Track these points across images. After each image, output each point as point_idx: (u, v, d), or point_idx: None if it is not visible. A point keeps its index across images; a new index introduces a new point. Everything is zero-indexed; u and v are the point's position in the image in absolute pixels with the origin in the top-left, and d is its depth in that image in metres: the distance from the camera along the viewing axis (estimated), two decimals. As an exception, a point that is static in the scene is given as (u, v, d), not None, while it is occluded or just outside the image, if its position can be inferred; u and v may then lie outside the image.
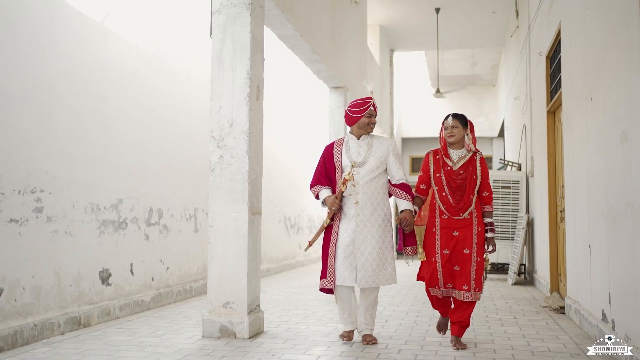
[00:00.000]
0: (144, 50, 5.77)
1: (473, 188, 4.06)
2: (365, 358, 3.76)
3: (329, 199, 4.06)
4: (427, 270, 4.11)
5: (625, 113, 3.49)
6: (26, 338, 4.11)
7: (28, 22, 4.26)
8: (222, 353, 3.88)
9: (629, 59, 3.41)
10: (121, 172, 5.39)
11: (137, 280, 5.63)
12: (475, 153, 4.15)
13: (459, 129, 4.09)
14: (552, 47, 6.45)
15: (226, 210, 4.48)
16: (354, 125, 4.15)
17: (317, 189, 4.20)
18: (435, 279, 4.07)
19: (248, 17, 4.57)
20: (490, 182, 4.22)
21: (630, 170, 3.39)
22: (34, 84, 4.31)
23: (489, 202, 4.13)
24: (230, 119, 4.52)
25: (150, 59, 5.90)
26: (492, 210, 4.15)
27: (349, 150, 4.14)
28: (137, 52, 5.66)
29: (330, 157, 4.19)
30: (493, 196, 4.21)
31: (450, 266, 4.05)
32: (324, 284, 4.05)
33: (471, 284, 3.99)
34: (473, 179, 4.07)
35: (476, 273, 4.02)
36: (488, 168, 4.20)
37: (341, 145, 4.19)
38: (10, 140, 4.08)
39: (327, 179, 4.18)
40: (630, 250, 3.42)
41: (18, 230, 4.12)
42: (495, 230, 4.16)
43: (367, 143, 4.13)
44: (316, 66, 7.48)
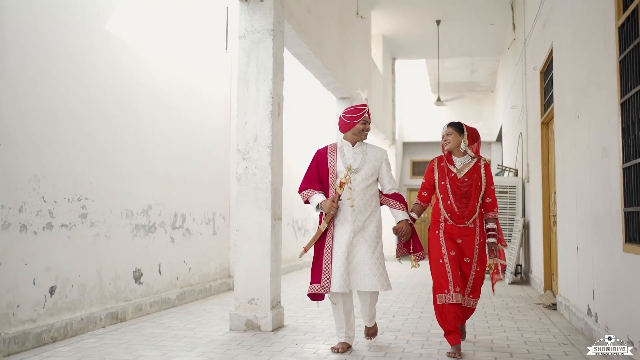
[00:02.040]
0: (169, 69, 6.28)
1: (478, 195, 4.08)
2: (378, 347, 4.26)
3: (325, 203, 3.96)
4: (436, 273, 4.05)
5: (605, 133, 4.01)
6: (75, 330, 4.61)
7: (71, 47, 4.77)
8: (251, 343, 4.38)
9: (608, 85, 3.92)
10: (151, 180, 5.89)
11: (164, 280, 6.13)
12: (479, 160, 4.17)
13: (454, 135, 4.16)
14: (545, 64, 6.96)
15: (251, 216, 4.98)
16: (349, 131, 4.09)
17: (308, 193, 4.10)
18: (445, 281, 3.99)
19: (270, 42, 5.08)
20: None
21: (609, 183, 3.91)
22: (77, 103, 4.81)
23: (491, 209, 4.14)
24: (254, 134, 5.03)
25: (175, 77, 6.40)
26: (495, 217, 4.14)
27: (344, 155, 4.08)
28: (163, 71, 6.17)
29: (324, 162, 4.12)
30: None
31: (457, 268, 4.02)
32: (316, 289, 3.90)
33: (465, 291, 4.06)
34: (478, 186, 4.09)
35: (474, 282, 4.07)
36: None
37: (335, 150, 4.13)
38: (61, 154, 4.58)
39: (319, 184, 4.10)
40: (610, 252, 3.93)
41: (67, 234, 4.63)
42: (497, 236, 4.15)
43: (361, 150, 4.11)
44: (326, 79, 8.00)
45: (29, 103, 4.25)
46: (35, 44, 4.33)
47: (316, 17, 7.06)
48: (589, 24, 4.50)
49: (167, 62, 6.22)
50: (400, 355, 4.03)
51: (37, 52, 4.34)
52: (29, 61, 4.26)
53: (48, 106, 4.45)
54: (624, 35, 3.59)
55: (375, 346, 4.29)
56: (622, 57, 3.60)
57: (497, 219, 4.18)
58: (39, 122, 4.35)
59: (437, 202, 4.20)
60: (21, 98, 4.17)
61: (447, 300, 3.97)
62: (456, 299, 3.94)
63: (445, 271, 4.01)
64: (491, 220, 4.15)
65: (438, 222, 4.17)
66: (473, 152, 4.22)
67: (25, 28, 4.22)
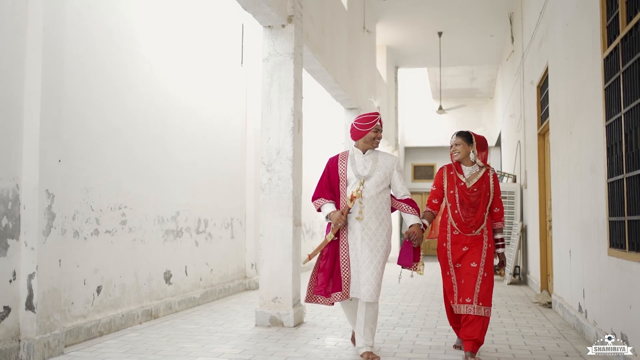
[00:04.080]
0: (192, 85, 6.79)
1: (486, 205, 4.11)
2: (391, 340, 4.77)
3: (334, 214, 4.02)
4: (445, 283, 4.20)
5: (594, 150, 4.52)
6: (117, 325, 5.12)
7: (111, 70, 5.28)
8: (277, 337, 4.89)
9: (596, 108, 4.44)
10: (178, 189, 6.41)
11: (190, 280, 6.64)
12: (488, 170, 4.20)
13: (463, 145, 4.17)
14: (541, 79, 7.48)
15: (274, 222, 5.49)
16: (360, 139, 4.13)
17: (320, 202, 4.16)
18: (451, 293, 4.12)
19: (291, 64, 5.59)
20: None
21: (596, 195, 4.42)
22: (116, 121, 5.31)
23: (499, 219, 4.17)
24: (277, 148, 5.55)
25: (197, 92, 6.91)
26: (503, 227, 4.20)
27: (354, 163, 4.12)
28: (187, 88, 6.67)
29: (335, 169, 4.17)
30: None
31: (462, 279, 4.06)
32: (338, 298, 4.00)
33: (474, 298, 3.97)
34: (487, 196, 4.11)
35: (481, 288, 3.99)
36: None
37: (346, 158, 4.17)
38: (105, 167, 5.09)
39: (331, 193, 4.15)
40: (597, 255, 4.45)
41: (110, 239, 5.14)
42: (504, 246, 4.23)
43: (372, 157, 4.13)
44: (336, 92, 8.53)
45: (79, 122, 4.76)
46: (82, 68, 4.84)
47: (329, 36, 7.58)
48: (580, 50, 5.01)
49: (190, 79, 6.73)
50: (411, 347, 4.54)
51: (84, 75, 4.85)
52: (78, 85, 4.77)
53: (93, 125, 4.96)
54: (609, 67, 4.10)
55: (388, 339, 4.80)
56: (607, 85, 4.12)
57: (502, 229, 4.25)
58: (87, 140, 4.86)
59: (445, 211, 4.24)
60: (75, 118, 4.68)
61: (455, 310, 4.10)
62: (459, 310, 4.04)
63: (452, 283, 4.12)
64: (499, 231, 4.19)
65: (445, 232, 4.19)
66: (481, 161, 4.24)
67: (77, 56, 4.73)
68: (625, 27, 3.72)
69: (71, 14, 4.59)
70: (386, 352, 4.34)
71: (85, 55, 4.84)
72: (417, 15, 11.42)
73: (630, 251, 3.62)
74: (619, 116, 3.85)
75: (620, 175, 3.83)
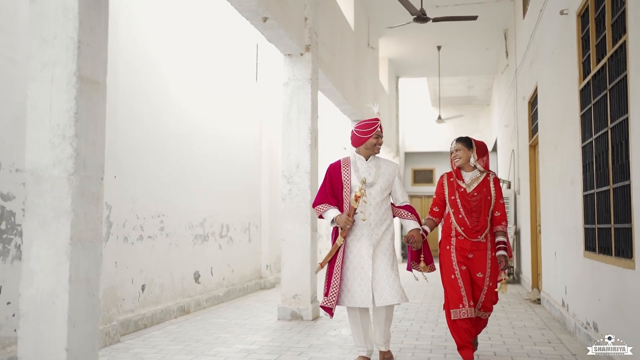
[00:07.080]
0: (213, 101, 7.52)
1: (488, 209, 4.09)
2: (400, 331, 5.49)
3: (340, 217, 3.96)
4: (449, 288, 4.06)
5: (573, 166, 5.25)
6: (157, 319, 5.84)
7: (150, 94, 6.00)
8: (299, 329, 5.61)
9: (574, 129, 5.17)
10: (205, 197, 7.13)
11: (215, 280, 7.36)
12: (489, 174, 4.19)
13: (463, 151, 4.16)
14: (532, 96, 8.21)
15: (294, 229, 6.21)
16: (361, 145, 4.10)
17: (322, 207, 4.10)
18: (459, 296, 3.99)
19: (309, 88, 6.32)
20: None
21: (575, 205, 5.15)
22: (154, 139, 6.02)
23: (499, 223, 4.14)
24: (296, 162, 6.27)
25: (217, 109, 7.64)
26: (504, 230, 4.15)
27: (358, 170, 4.09)
28: (209, 105, 7.40)
29: (338, 176, 4.11)
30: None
31: (469, 282, 4.05)
32: (324, 303, 3.96)
33: (477, 305, 4.08)
34: (487, 200, 4.10)
35: (486, 297, 4.07)
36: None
37: (348, 164, 4.12)
38: (146, 180, 5.81)
39: (333, 198, 4.09)
40: (575, 257, 5.18)
41: (152, 244, 5.86)
42: (506, 249, 4.11)
43: (375, 164, 4.12)
44: (343, 107, 9.26)
45: (126, 141, 5.48)
46: (126, 94, 5.56)
47: (339, 57, 8.31)
48: (563, 77, 5.74)
49: (210, 100, 7.46)
50: (416, 336, 5.27)
51: (127, 99, 5.57)
52: (124, 108, 5.48)
53: (136, 143, 5.68)
54: (584, 97, 4.83)
55: (396, 330, 5.52)
56: (583, 112, 4.85)
57: (506, 233, 4.18)
58: (133, 156, 5.57)
59: (449, 217, 4.21)
60: (123, 137, 5.40)
61: (462, 315, 3.95)
62: (470, 314, 3.94)
63: (459, 286, 4.01)
64: (500, 234, 4.14)
65: (449, 237, 4.16)
66: (482, 166, 4.24)
67: (122, 83, 5.46)
68: (595, 66, 4.45)
69: (120, 44, 5.32)
70: (394, 340, 5.07)
71: (131, 83, 5.56)
72: (417, 32, 12.16)
73: (600, 254, 4.35)
74: (591, 141, 4.58)
75: (592, 190, 4.56)
